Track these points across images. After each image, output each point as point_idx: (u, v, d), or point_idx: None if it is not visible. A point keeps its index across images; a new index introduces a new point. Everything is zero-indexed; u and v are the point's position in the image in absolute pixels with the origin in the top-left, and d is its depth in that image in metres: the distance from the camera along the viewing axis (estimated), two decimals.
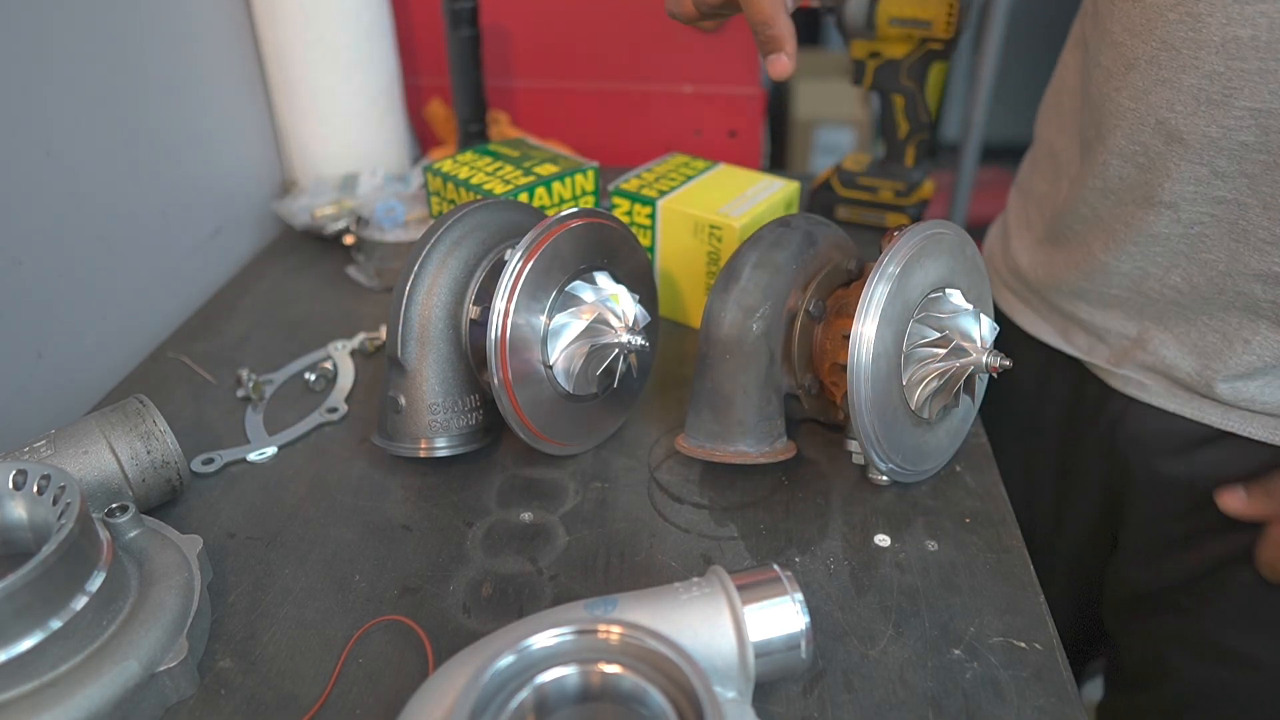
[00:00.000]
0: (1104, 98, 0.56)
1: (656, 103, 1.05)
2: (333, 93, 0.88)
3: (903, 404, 0.52)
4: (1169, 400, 0.60)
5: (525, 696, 0.34)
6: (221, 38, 0.83)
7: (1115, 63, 0.55)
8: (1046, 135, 0.69)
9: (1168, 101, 0.52)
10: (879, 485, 0.57)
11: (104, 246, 0.69)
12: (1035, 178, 0.70)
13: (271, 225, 0.93)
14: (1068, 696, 0.43)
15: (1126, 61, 0.54)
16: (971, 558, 0.51)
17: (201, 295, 0.81)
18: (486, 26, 0.98)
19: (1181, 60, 0.50)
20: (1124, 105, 0.54)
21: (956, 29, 0.78)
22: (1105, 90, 0.56)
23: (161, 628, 0.42)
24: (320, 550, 0.52)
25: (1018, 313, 0.71)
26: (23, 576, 0.37)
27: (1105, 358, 0.63)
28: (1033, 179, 0.71)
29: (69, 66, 0.64)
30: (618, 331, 0.54)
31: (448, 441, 0.56)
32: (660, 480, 0.58)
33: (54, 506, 0.42)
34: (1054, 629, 0.47)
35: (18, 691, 0.38)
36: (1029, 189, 0.71)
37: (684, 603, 0.39)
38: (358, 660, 0.46)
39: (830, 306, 0.56)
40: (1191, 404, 0.59)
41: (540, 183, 0.70)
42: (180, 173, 0.78)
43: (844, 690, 0.44)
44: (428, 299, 0.55)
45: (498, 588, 0.50)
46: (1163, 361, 0.59)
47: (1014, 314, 0.71)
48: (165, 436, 0.52)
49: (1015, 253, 0.70)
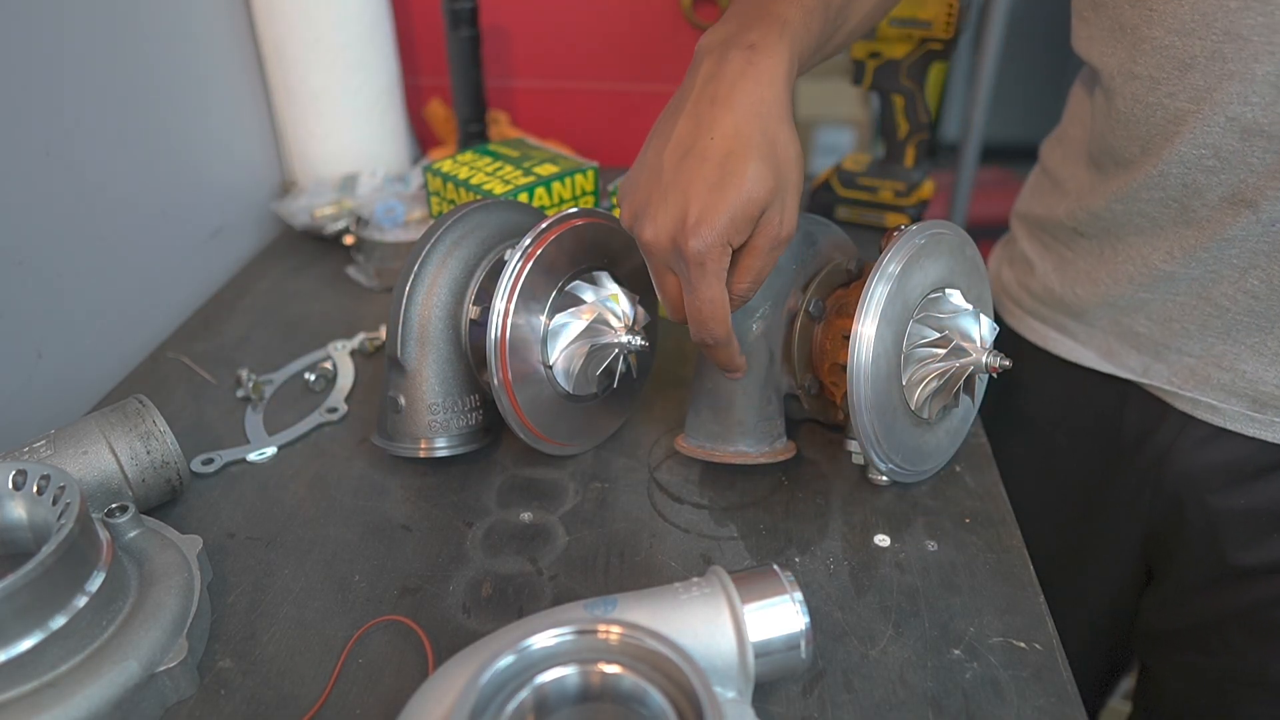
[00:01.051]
0: (1150, 108, 0.53)
1: (656, 103, 1.05)
2: (332, 93, 0.88)
3: (903, 404, 0.52)
4: (1247, 423, 0.56)
5: (525, 696, 0.34)
6: (221, 38, 0.83)
7: (1162, 68, 0.52)
8: (1051, 164, 0.67)
9: (1240, 95, 0.49)
10: (879, 485, 0.56)
11: (104, 246, 0.69)
12: (1040, 203, 0.68)
13: (271, 225, 0.93)
14: (1068, 696, 0.43)
15: (1180, 63, 0.51)
16: (971, 558, 0.51)
17: (201, 295, 0.81)
18: (486, 26, 0.98)
19: (1253, 49, 0.48)
20: (1182, 109, 0.52)
21: (956, 29, 0.78)
22: (1151, 100, 0.53)
23: (161, 628, 0.42)
24: (320, 550, 0.52)
25: (1049, 340, 0.67)
26: (23, 576, 0.37)
27: (1165, 378, 0.59)
28: (1039, 205, 0.69)
29: (69, 67, 0.64)
30: (618, 331, 0.54)
31: (447, 441, 0.56)
32: (660, 480, 0.58)
33: (54, 506, 0.42)
34: (1054, 629, 0.47)
35: (18, 691, 0.38)
36: (1039, 216, 0.68)
37: (684, 603, 0.39)
38: (358, 660, 0.46)
39: (830, 306, 0.56)
40: (1274, 425, 0.55)
41: (540, 183, 0.70)
42: (180, 173, 0.78)
43: (844, 690, 0.44)
44: (428, 299, 0.55)
45: (498, 588, 0.50)
46: (1242, 377, 0.55)
47: (1044, 340, 0.68)
48: (165, 436, 0.52)
49: (1042, 276, 0.67)
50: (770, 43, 0.45)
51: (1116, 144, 0.57)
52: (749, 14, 0.47)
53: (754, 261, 0.46)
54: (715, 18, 0.98)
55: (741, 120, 0.44)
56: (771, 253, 0.46)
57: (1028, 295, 0.69)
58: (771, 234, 0.45)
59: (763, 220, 0.44)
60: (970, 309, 0.52)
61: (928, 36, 0.80)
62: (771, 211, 0.44)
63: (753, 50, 0.45)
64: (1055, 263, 0.66)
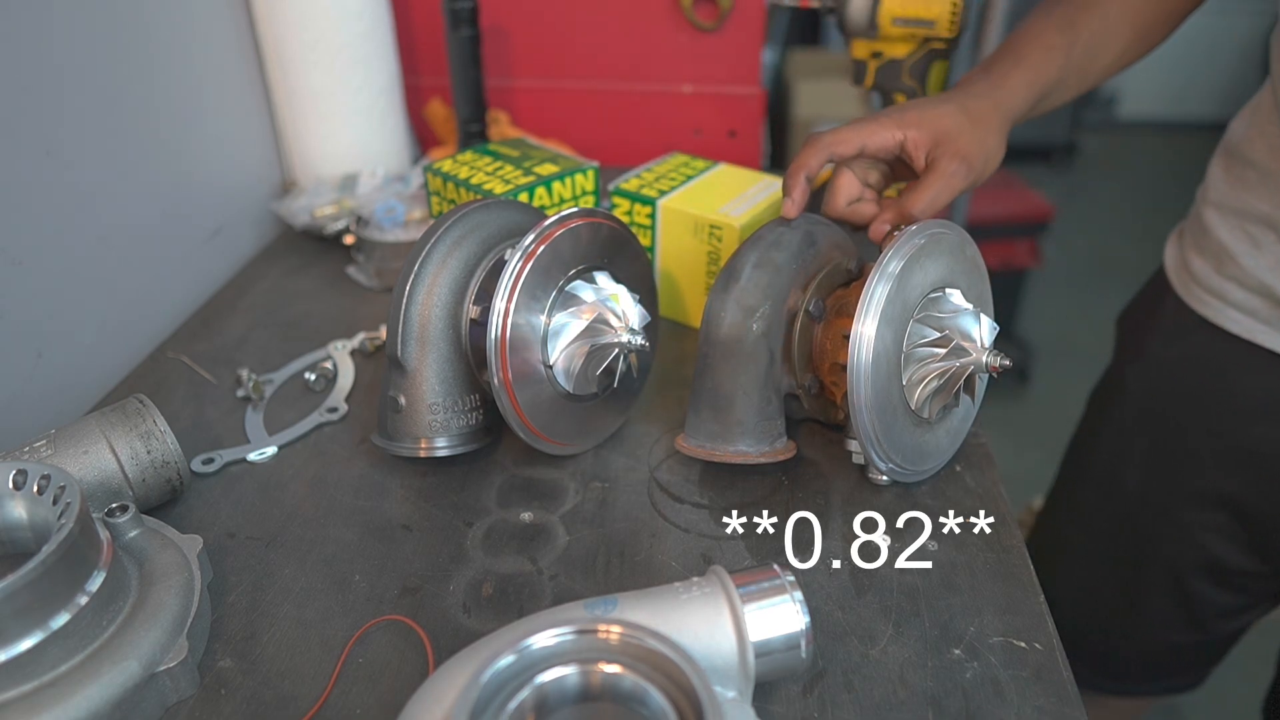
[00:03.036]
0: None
1: (656, 103, 1.05)
2: (333, 93, 0.88)
3: (903, 404, 0.52)
4: None
5: (525, 696, 0.34)
6: (221, 38, 0.83)
7: None
8: (1255, 153, 0.65)
9: None
10: (879, 485, 0.56)
11: (104, 246, 0.69)
12: (1242, 194, 0.66)
13: (271, 225, 0.93)
14: (1068, 696, 0.43)
15: None
16: (971, 558, 0.51)
17: (201, 295, 0.81)
18: (486, 26, 0.98)
19: None
20: None
21: (960, 28, 0.78)
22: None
23: (161, 628, 0.42)
24: (320, 550, 0.52)
25: (1257, 334, 0.65)
26: (23, 576, 0.37)
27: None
28: (1237, 196, 0.66)
29: (69, 67, 0.64)
30: (618, 331, 0.54)
31: (448, 441, 0.56)
32: (660, 480, 0.58)
33: (54, 506, 0.42)
34: (1054, 629, 0.47)
35: (17, 691, 0.38)
36: (1239, 209, 0.66)
37: (684, 603, 0.39)
38: (358, 660, 0.46)
39: (830, 306, 0.56)
40: None
41: (540, 183, 0.70)
42: (180, 173, 0.78)
43: (844, 690, 0.44)
44: (428, 299, 0.55)
45: (498, 588, 0.50)
46: None
47: (1250, 334, 0.66)
48: (165, 436, 0.52)
49: (1253, 271, 0.64)
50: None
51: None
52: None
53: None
54: (715, 17, 0.98)
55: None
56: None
57: (1236, 286, 0.67)
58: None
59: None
60: (970, 308, 0.52)
61: (931, 36, 0.80)
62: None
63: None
64: (1272, 262, 0.64)
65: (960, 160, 0.56)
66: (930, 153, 0.57)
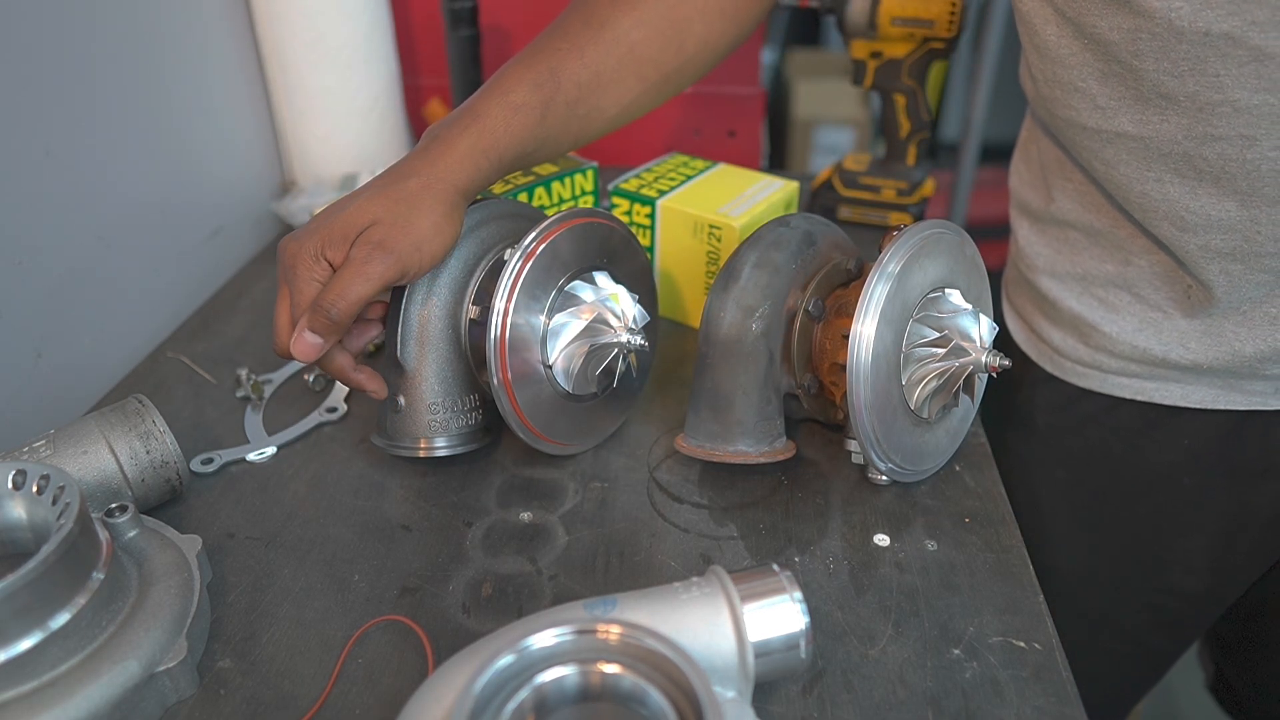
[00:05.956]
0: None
1: None
2: (332, 93, 0.88)
3: (902, 404, 0.52)
4: None
5: (525, 696, 0.34)
6: (221, 38, 0.83)
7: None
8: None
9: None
10: (879, 485, 0.56)
11: (104, 246, 0.69)
12: (1089, 260, 0.60)
13: (271, 225, 0.93)
14: (1067, 696, 0.43)
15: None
16: (971, 557, 0.51)
17: (201, 295, 0.81)
18: (486, 26, 0.98)
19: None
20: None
21: (959, 28, 0.78)
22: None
23: (161, 628, 0.42)
24: (319, 550, 0.52)
25: (1149, 392, 0.60)
26: (23, 576, 0.37)
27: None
28: (1087, 262, 0.60)
29: (69, 67, 0.64)
30: (617, 331, 0.54)
31: (447, 441, 0.56)
32: (660, 480, 0.58)
33: (53, 506, 0.42)
34: (1053, 628, 0.47)
35: (17, 691, 0.38)
36: (1085, 273, 0.60)
37: (683, 603, 0.39)
38: (357, 660, 0.46)
39: (830, 306, 0.56)
40: None
41: (540, 183, 0.70)
42: (180, 173, 0.78)
43: (844, 690, 0.44)
44: (428, 299, 0.55)
45: (497, 588, 0.50)
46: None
47: (1145, 395, 0.60)
48: (165, 436, 0.52)
49: (1124, 337, 0.59)
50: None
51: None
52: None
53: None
54: None
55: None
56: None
57: (1109, 356, 0.61)
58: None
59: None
60: (970, 308, 0.52)
61: (930, 35, 0.80)
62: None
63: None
64: (1136, 323, 0.59)
65: (373, 247, 0.49)
66: (350, 249, 0.50)
